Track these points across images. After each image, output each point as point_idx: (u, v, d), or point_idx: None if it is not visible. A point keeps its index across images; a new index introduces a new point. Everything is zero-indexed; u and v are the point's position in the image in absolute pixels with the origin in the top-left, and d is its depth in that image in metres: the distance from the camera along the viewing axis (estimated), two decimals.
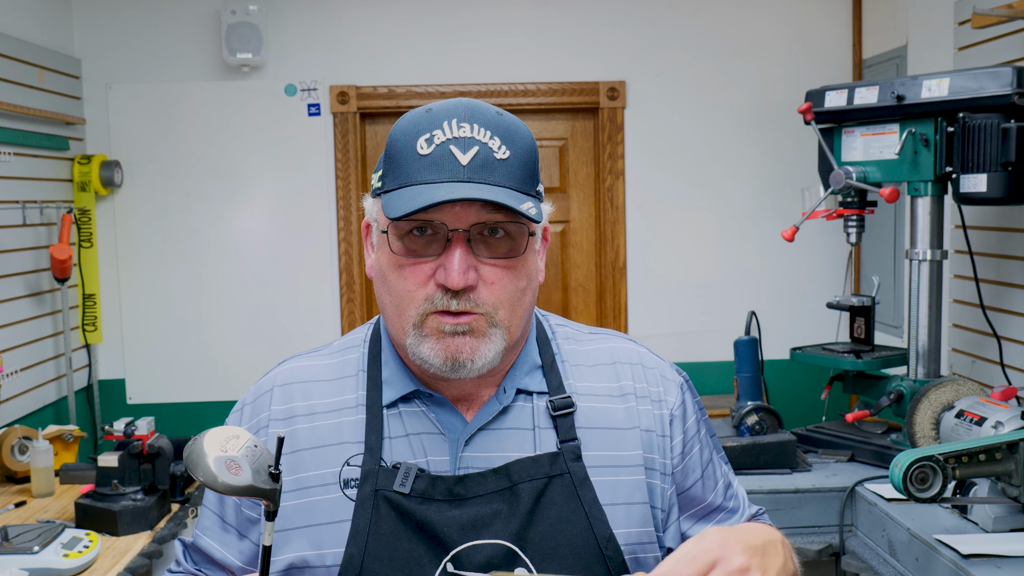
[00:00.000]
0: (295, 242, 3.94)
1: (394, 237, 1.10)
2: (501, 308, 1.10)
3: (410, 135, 1.09)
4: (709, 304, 4.00)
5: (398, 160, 1.10)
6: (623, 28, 3.92)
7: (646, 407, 1.20)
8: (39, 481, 2.77)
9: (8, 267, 3.25)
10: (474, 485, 1.11)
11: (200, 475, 0.97)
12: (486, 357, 1.10)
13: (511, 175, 1.08)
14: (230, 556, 1.20)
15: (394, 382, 1.17)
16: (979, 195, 2.46)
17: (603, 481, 1.15)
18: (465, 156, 1.06)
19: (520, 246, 1.11)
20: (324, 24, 3.89)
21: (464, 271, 1.06)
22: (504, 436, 1.15)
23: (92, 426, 3.84)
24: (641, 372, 1.23)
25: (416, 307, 1.09)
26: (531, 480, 1.12)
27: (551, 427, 1.16)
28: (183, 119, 3.88)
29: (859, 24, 3.89)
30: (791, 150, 3.88)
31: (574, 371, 1.21)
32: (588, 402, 1.18)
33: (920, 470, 1.95)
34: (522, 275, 1.12)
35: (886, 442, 2.70)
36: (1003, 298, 2.77)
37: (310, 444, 1.16)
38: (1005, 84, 2.39)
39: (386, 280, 1.13)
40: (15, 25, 3.36)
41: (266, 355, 3.92)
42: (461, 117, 1.09)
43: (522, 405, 1.17)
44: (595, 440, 1.16)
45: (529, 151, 1.12)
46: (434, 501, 1.10)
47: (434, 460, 1.13)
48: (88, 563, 2.27)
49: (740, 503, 1.30)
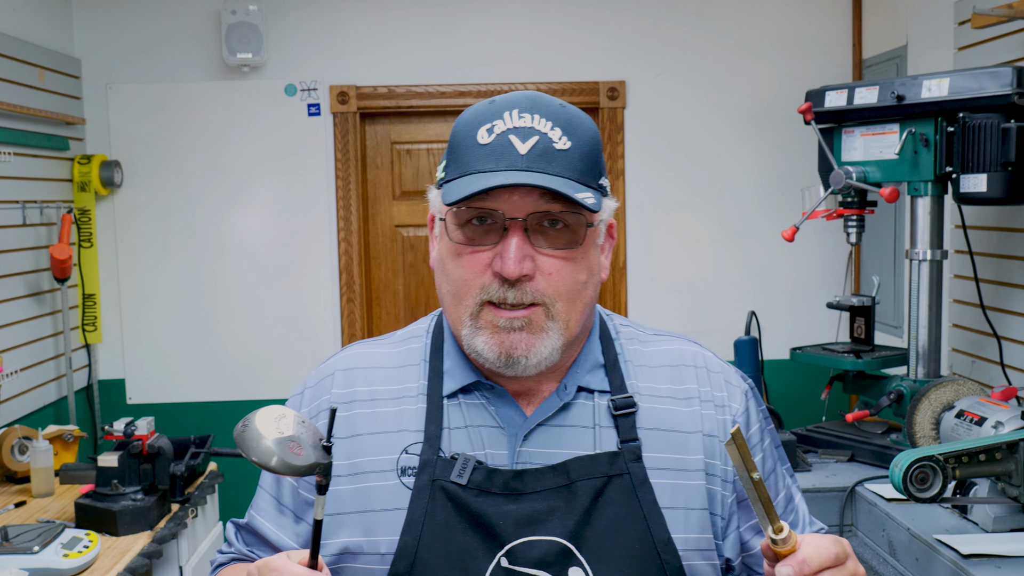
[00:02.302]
0: (295, 242, 3.94)
1: (453, 226, 1.10)
2: (559, 300, 1.09)
3: (472, 125, 1.10)
4: (709, 304, 4.00)
5: (459, 150, 1.10)
6: (623, 28, 3.92)
7: (709, 412, 1.18)
8: (39, 481, 2.77)
9: (8, 267, 3.25)
10: (532, 480, 1.09)
11: (257, 457, 0.95)
12: (541, 354, 1.09)
13: (571, 166, 1.07)
14: (285, 538, 1.19)
15: (455, 373, 1.17)
16: (979, 195, 2.46)
17: (663, 484, 1.13)
18: (524, 145, 1.06)
19: (578, 237, 1.09)
20: (324, 24, 3.89)
21: (520, 260, 1.06)
22: (563, 433, 1.13)
23: (92, 426, 3.84)
24: (706, 376, 1.21)
25: (472, 296, 1.09)
26: (590, 478, 1.10)
27: (612, 426, 1.14)
28: (183, 119, 3.88)
29: (859, 24, 3.89)
30: (791, 150, 3.88)
31: (637, 371, 1.19)
32: (651, 403, 1.17)
33: (920, 470, 1.95)
34: (582, 268, 1.10)
35: (886, 442, 2.70)
36: (1003, 298, 2.77)
37: (369, 430, 1.15)
38: (1005, 84, 2.39)
39: (445, 269, 1.13)
40: (15, 25, 3.36)
41: (266, 355, 3.93)
42: (522, 108, 1.09)
43: (583, 403, 1.16)
44: (656, 442, 1.14)
45: (591, 144, 1.11)
46: (491, 494, 1.09)
47: (492, 453, 1.12)
48: (88, 563, 2.27)
49: (800, 518, 1.27)
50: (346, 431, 1.16)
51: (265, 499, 1.22)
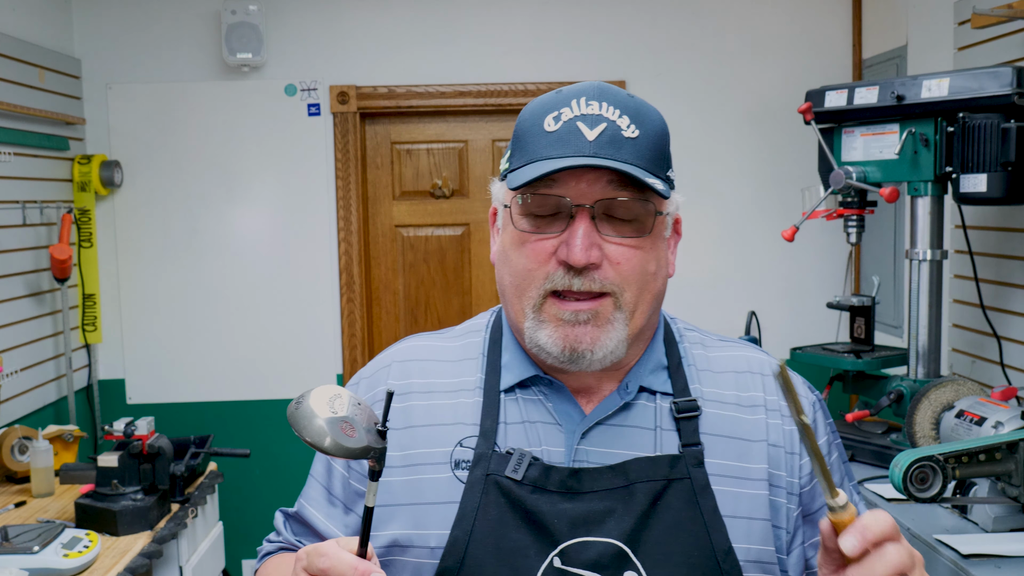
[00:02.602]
0: (295, 242, 3.94)
1: (518, 215, 1.08)
2: (627, 289, 1.06)
3: (538, 114, 1.08)
4: (709, 304, 4.00)
5: (525, 138, 1.08)
6: (623, 28, 3.92)
7: (776, 421, 1.14)
8: (39, 481, 2.77)
9: (8, 267, 3.25)
10: (589, 480, 1.06)
11: (310, 437, 0.92)
12: (607, 347, 1.06)
13: (639, 154, 1.05)
14: (334, 529, 1.17)
15: (513, 367, 1.14)
16: (979, 195, 2.46)
17: (725, 491, 1.09)
18: (592, 132, 1.04)
19: (647, 225, 1.07)
20: (324, 24, 3.89)
21: (587, 247, 1.03)
22: (623, 433, 1.10)
23: (92, 426, 3.84)
24: (774, 385, 1.17)
25: (536, 287, 1.06)
26: (649, 481, 1.07)
27: (674, 429, 1.11)
28: (183, 119, 3.88)
29: (859, 24, 3.89)
30: (791, 150, 3.88)
31: (701, 376, 1.16)
32: (714, 408, 1.13)
33: (920, 470, 1.95)
34: (650, 258, 1.08)
35: (886, 442, 2.70)
36: (1003, 298, 2.77)
37: (424, 422, 1.13)
38: (1005, 84, 2.39)
39: (507, 259, 1.10)
40: (15, 25, 3.36)
41: (266, 355, 3.93)
42: (590, 96, 1.07)
43: (645, 404, 1.13)
44: (719, 448, 1.11)
45: (659, 133, 1.10)
46: (546, 491, 1.06)
47: (548, 450, 1.09)
48: (88, 563, 2.27)
49: None
50: (401, 422, 1.14)
51: (316, 488, 1.20)
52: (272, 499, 3.95)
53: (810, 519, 1.14)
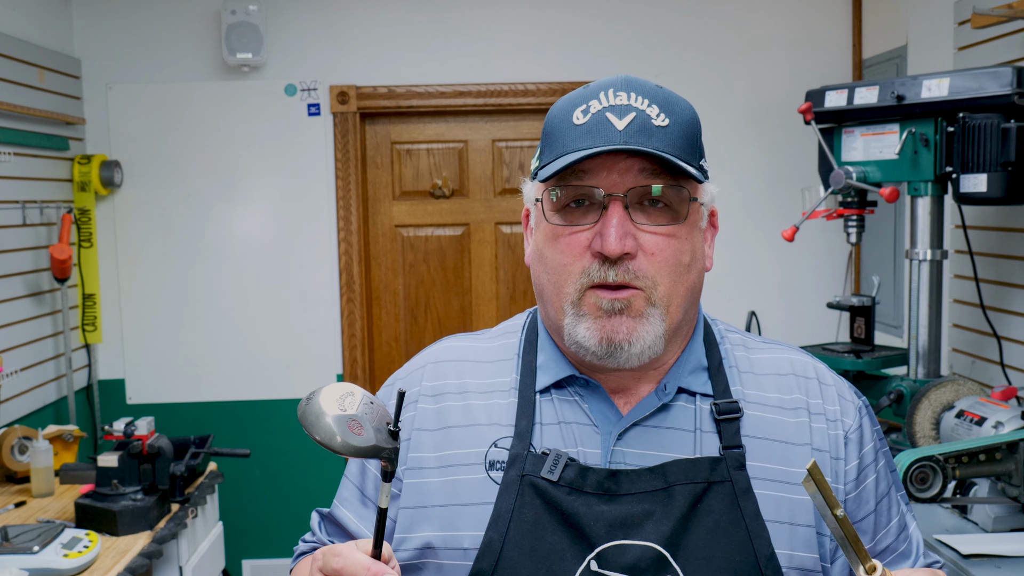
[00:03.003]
0: (295, 242, 3.94)
1: (550, 210, 1.07)
2: (661, 282, 1.04)
3: (566, 109, 1.07)
4: (709, 304, 3.96)
5: (554, 134, 1.07)
6: (623, 28, 3.92)
7: (820, 425, 1.11)
8: (39, 481, 2.77)
9: (8, 267, 3.25)
10: (627, 482, 1.04)
11: (319, 435, 0.91)
12: (644, 340, 1.04)
13: (671, 142, 1.04)
14: (366, 530, 1.16)
15: (549, 367, 1.12)
16: (979, 195, 2.46)
17: (767, 496, 1.06)
18: (621, 122, 1.03)
19: (681, 213, 1.06)
20: (324, 24, 3.89)
21: (621, 237, 1.02)
22: (662, 435, 1.08)
23: (92, 426, 3.84)
24: (817, 388, 1.14)
25: (573, 282, 1.05)
26: (689, 483, 1.04)
27: (714, 431, 1.08)
28: (183, 119, 3.88)
29: (859, 24, 3.89)
30: (791, 150, 3.88)
31: (743, 378, 1.13)
32: (756, 411, 1.10)
33: (920, 470, 1.95)
34: (685, 248, 1.06)
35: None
36: (1003, 298, 2.77)
37: (459, 422, 1.12)
38: (1005, 84, 2.39)
39: (543, 258, 1.09)
40: (15, 25, 3.36)
41: (266, 355, 3.93)
42: (618, 87, 1.05)
43: (684, 405, 1.10)
44: (761, 451, 1.08)
45: (690, 122, 1.08)
46: (583, 493, 1.04)
47: (585, 451, 1.07)
48: (88, 563, 2.27)
49: (914, 549, 1.18)
50: (436, 423, 1.13)
51: (349, 489, 1.19)
52: (272, 499, 3.95)
53: (856, 526, 1.11)
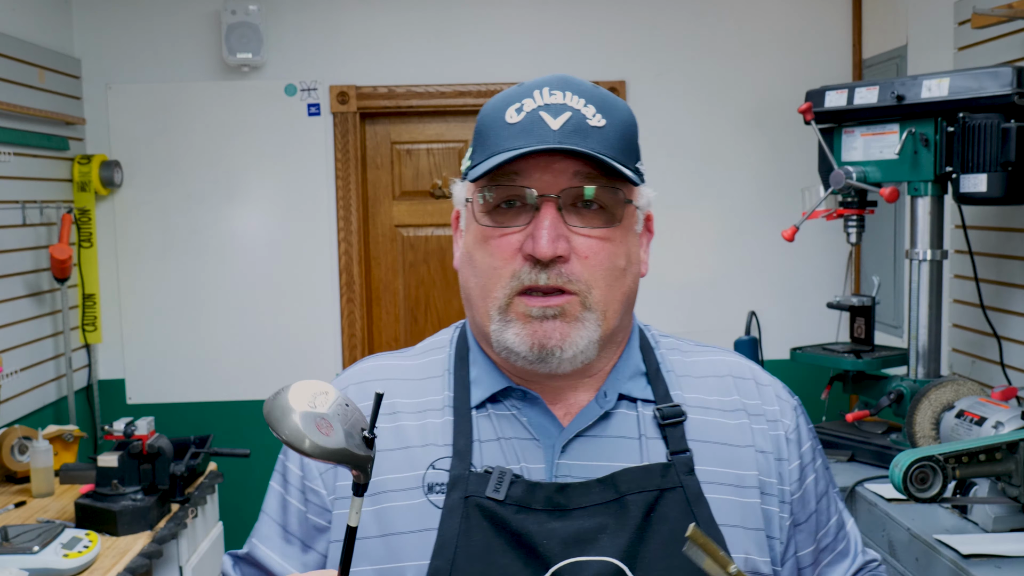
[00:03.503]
0: (295, 242, 3.94)
1: (481, 212, 1.02)
2: (595, 287, 1.00)
3: (499, 107, 1.03)
4: (709, 304, 4.00)
5: (487, 133, 1.03)
6: (623, 28, 3.92)
7: (761, 426, 1.09)
8: (39, 481, 2.77)
9: (8, 267, 3.25)
10: (577, 495, 0.99)
11: (285, 433, 0.84)
12: (577, 345, 1.00)
13: (607, 143, 1.00)
14: (291, 569, 1.07)
15: (483, 381, 1.07)
16: (979, 195, 2.46)
17: (718, 500, 1.03)
18: (556, 121, 0.99)
19: (616, 216, 1.02)
20: (324, 24, 3.89)
21: (554, 239, 0.98)
22: (606, 444, 1.04)
23: (92, 426, 3.84)
24: (754, 389, 1.12)
25: (502, 286, 1.00)
26: (641, 492, 1.00)
27: (659, 437, 1.05)
28: (183, 119, 3.88)
29: (859, 24, 3.89)
30: (791, 150, 3.88)
31: (681, 382, 1.10)
32: (699, 414, 1.07)
33: (920, 470, 1.95)
34: (620, 252, 1.03)
35: (886, 442, 2.70)
36: (1003, 298, 2.77)
37: (391, 445, 1.05)
38: (1005, 84, 2.39)
39: (472, 260, 1.04)
40: (15, 25, 3.36)
41: (266, 355, 3.93)
42: (553, 86, 1.02)
43: (625, 412, 1.06)
44: (707, 455, 1.05)
45: (627, 123, 1.04)
46: (532, 511, 0.98)
47: (528, 467, 1.02)
48: (88, 563, 2.27)
49: (852, 546, 1.17)
50: None
51: (269, 526, 1.11)
52: None
53: (801, 528, 1.10)
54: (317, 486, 1.07)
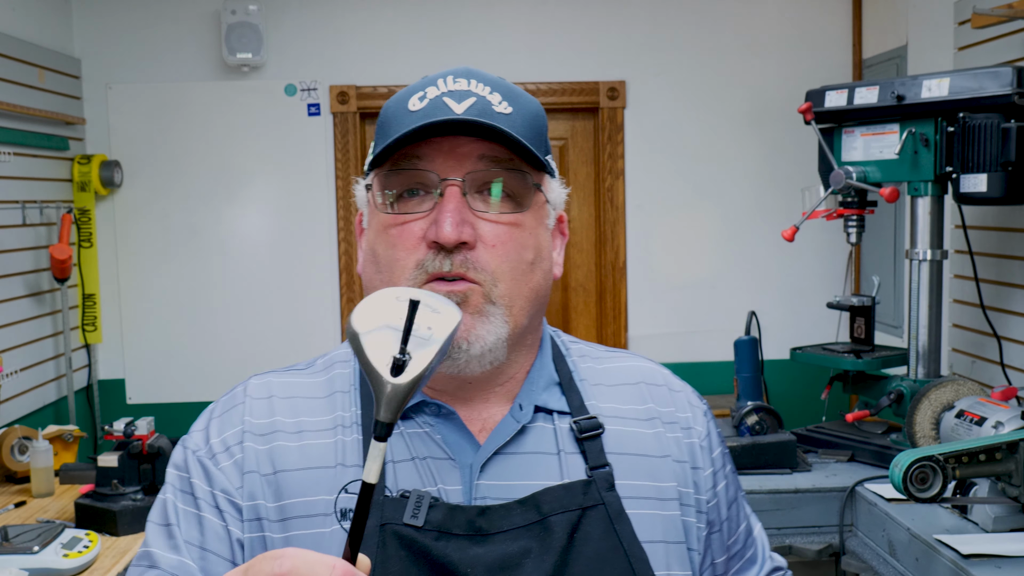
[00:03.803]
0: (295, 242, 3.94)
1: (382, 203, 0.98)
2: (501, 279, 0.95)
3: (402, 99, 0.98)
4: (709, 304, 4.00)
5: (388, 123, 0.98)
6: (623, 28, 3.92)
7: (676, 435, 1.06)
8: (39, 481, 2.77)
9: (8, 267, 3.25)
10: (498, 518, 0.93)
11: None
12: (485, 342, 0.94)
13: (514, 128, 0.95)
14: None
15: None
16: (979, 195, 2.46)
17: (640, 515, 0.99)
18: (460, 106, 0.94)
19: (524, 202, 0.97)
20: (324, 24, 3.89)
21: (458, 223, 0.93)
22: (525, 461, 0.98)
23: (92, 426, 3.84)
24: (668, 396, 1.09)
25: (407, 278, 0.95)
26: (564, 512, 0.95)
27: (577, 452, 1.00)
28: (183, 119, 3.88)
29: (859, 24, 3.89)
30: (791, 150, 3.88)
31: (595, 391, 1.05)
32: (615, 425, 1.03)
33: (920, 470, 1.95)
34: (528, 244, 0.97)
35: (886, 442, 2.70)
36: (1003, 298, 2.77)
37: (298, 465, 0.96)
38: (1005, 84, 2.39)
39: (375, 255, 0.99)
40: (15, 25, 3.36)
41: (266, 355, 3.93)
42: (458, 74, 0.98)
43: (543, 426, 1.01)
44: (627, 468, 1.00)
45: (535, 115, 0.99)
46: (453, 536, 0.92)
47: (445, 489, 0.95)
48: (88, 563, 2.27)
49: (759, 552, 1.15)
50: (267, 467, 0.96)
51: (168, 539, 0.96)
52: None
53: (714, 535, 1.07)
54: (237, 500, 0.96)
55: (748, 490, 2.45)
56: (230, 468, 0.96)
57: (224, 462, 0.97)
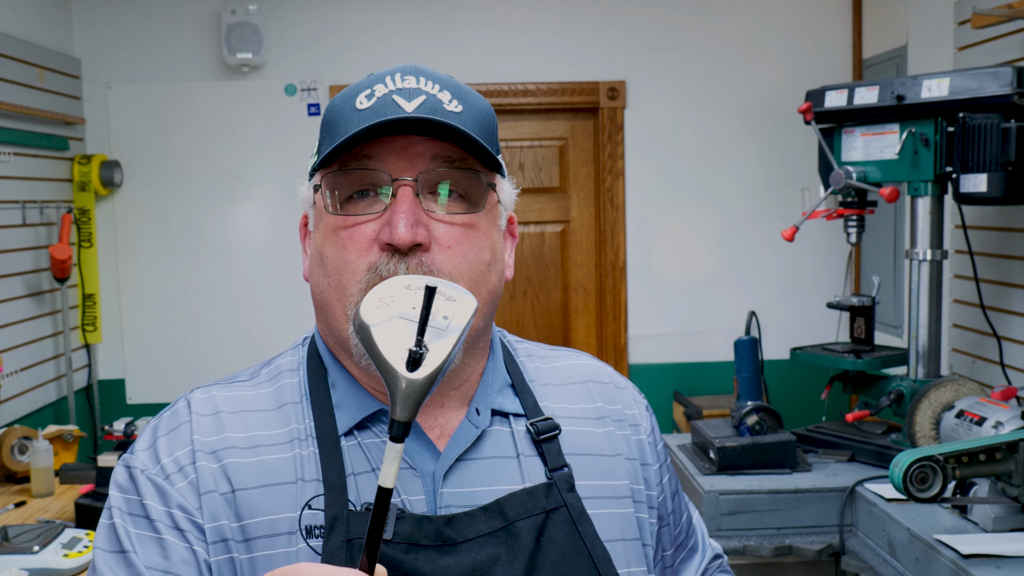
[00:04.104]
0: (295, 242, 3.92)
1: (331, 204, 0.94)
2: (460, 280, 0.92)
3: (348, 97, 0.95)
4: (709, 304, 4.00)
5: (334, 122, 0.94)
6: (623, 28, 3.92)
7: (624, 432, 1.06)
8: (39, 481, 2.77)
9: (8, 267, 3.25)
10: (464, 526, 0.91)
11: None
12: None
13: (466, 127, 0.92)
14: None
15: (347, 406, 0.96)
16: (979, 195, 2.46)
17: (599, 515, 0.99)
18: (410, 104, 0.91)
19: (478, 202, 0.95)
20: (324, 24, 3.89)
21: (412, 224, 0.90)
22: (486, 467, 0.96)
23: (92, 426, 3.84)
24: (614, 393, 1.09)
25: (358, 281, 0.92)
26: (529, 516, 0.94)
27: (535, 454, 0.99)
28: (183, 119, 3.88)
29: (859, 24, 3.89)
30: (791, 150, 3.88)
31: (545, 391, 1.05)
32: (569, 425, 1.03)
33: (920, 470, 1.95)
34: (484, 244, 0.95)
35: (886, 442, 2.70)
36: (1003, 298, 2.77)
37: (255, 483, 0.92)
38: (1005, 84, 2.39)
39: (323, 260, 0.95)
40: (15, 25, 3.36)
41: (266, 355, 3.91)
42: (405, 72, 0.95)
43: (500, 429, 0.99)
44: (583, 468, 1.00)
45: (485, 113, 0.97)
46: (422, 548, 0.89)
47: (409, 500, 0.93)
48: (88, 563, 2.27)
49: (700, 540, 1.18)
50: (224, 486, 0.91)
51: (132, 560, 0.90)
52: None
53: (663, 530, 1.09)
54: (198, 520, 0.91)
55: (748, 490, 2.45)
56: (186, 488, 0.91)
57: (179, 482, 0.92)
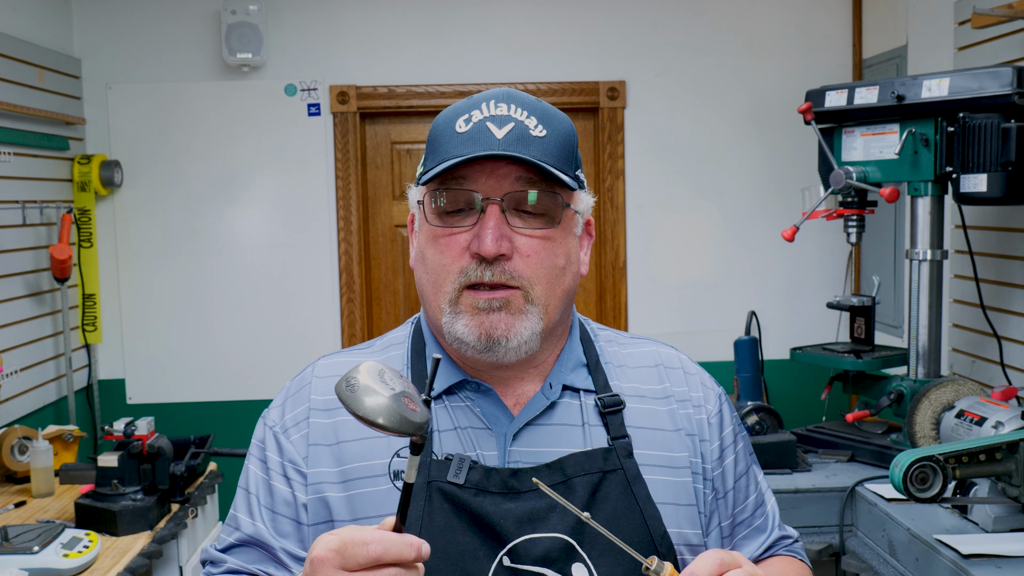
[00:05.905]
0: (295, 242, 3.94)
1: (431, 213, 1.12)
2: (537, 283, 1.10)
3: (450, 118, 1.13)
4: (709, 304, 4.00)
5: (438, 141, 1.12)
6: (623, 28, 3.92)
7: (687, 411, 1.21)
8: (39, 481, 2.77)
9: (8, 267, 3.25)
10: (528, 479, 1.09)
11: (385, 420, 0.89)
12: (522, 336, 1.10)
13: (547, 151, 1.10)
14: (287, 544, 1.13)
15: (440, 374, 1.15)
16: (979, 195, 2.46)
17: (654, 480, 1.15)
18: (501, 131, 1.09)
19: (555, 218, 1.12)
20: (324, 24, 3.89)
21: (497, 239, 1.08)
22: (552, 432, 1.14)
23: (92, 426, 3.84)
24: (682, 377, 1.24)
25: (451, 281, 1.10)
26: (586, 474, 1.11)
27: (600, 424, 1.16)
28: (183, 119, 3.88)
29: (859, 24, 3.89)
30: (791, 150, 3.88)
31: (618, 372, 1.22)
32: (635, 403, 1.19)
33: (920, 470, 1.95)
34: (559, 252, 1.13)
35: (886, 442, 2.70)
36: (1003, 298, 2.77)
37: (356, 435, 1.14)
38: (1005, 84, 2.39)
39: (424, 259, 1.14)
40: (15, 25, 3.36)
41: (266, 355, 3.93)
42: (499, 99, 1.12)
43: (569, 402, 1.17)
44: (644, 439, 1.16)
45: (567, 134, 1.14)
46: (489, 493, 1.08)
47: (483, 454, 1.12)
48: (88, 563, 2.27)
49: (769, 522, 1.29)
50: (332, 438, 1.14)
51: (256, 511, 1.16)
52: None
53: (720, 502, 1.21)
54: (303, 468, 1.15)
55: None
56: (299, 440, 1.15)
57: (294, 435, 1.16)
